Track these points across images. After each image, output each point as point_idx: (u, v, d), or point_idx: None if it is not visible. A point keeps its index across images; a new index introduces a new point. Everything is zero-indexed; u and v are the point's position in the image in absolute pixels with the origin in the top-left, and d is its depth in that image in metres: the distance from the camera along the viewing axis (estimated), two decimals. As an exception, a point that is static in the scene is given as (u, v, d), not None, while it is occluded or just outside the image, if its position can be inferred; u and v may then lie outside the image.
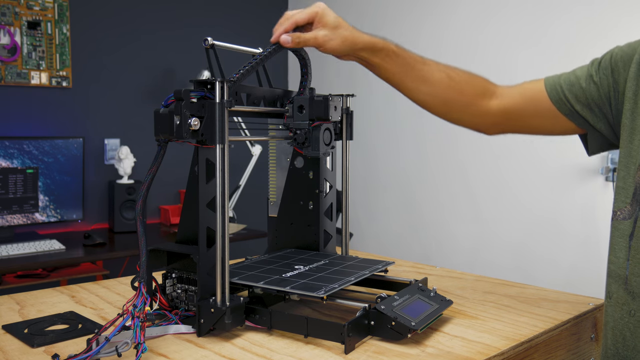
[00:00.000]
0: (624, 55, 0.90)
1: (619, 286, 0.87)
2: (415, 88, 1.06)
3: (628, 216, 0.86)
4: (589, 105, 0.94)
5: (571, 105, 0.95)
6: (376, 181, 3.19)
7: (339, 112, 1.12)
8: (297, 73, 3.53)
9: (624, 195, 0.88)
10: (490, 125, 1.09)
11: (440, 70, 1.05)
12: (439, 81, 1.04)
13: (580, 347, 1.01)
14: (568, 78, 0.97)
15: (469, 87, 1.05)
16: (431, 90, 1.05)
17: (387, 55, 1.02)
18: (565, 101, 0.96)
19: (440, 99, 1.06)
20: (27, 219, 2.59)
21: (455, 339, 0.88)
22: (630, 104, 0.88)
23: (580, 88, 0.94)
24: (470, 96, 1.05)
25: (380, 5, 3.11)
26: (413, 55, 1.05)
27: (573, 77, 0.96)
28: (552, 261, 2.43)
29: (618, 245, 0.88)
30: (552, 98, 0.97)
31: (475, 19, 2.66)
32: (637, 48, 0.89)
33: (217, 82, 0.88)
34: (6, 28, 2.66)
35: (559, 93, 0.97)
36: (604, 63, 0.93)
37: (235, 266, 1.07)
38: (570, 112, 0.96)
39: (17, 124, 2.72)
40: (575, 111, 0.95)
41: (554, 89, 0.97)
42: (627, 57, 0.90)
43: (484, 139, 2.63)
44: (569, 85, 0.96)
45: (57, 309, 1.02)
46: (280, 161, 1.24)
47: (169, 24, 3.18)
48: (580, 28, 2.24)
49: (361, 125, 2.89)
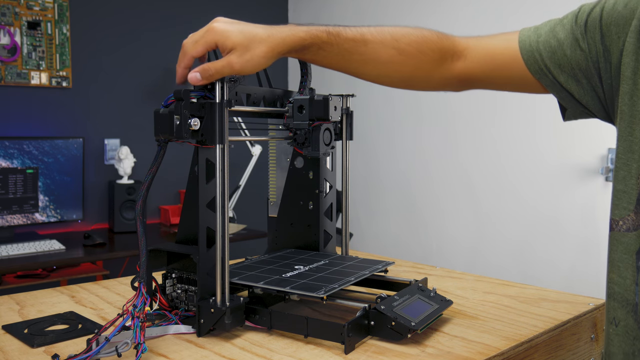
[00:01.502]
0: (619, 17, 0.72)
1: (627, 314, 0.72)
2: (363, 72, 0.92)
3: (633, 227, 0.70)
4: (575, 76, 0.78)
5: (553, 76, 0.80)
6: (376, 181, 3.19)
7: (339, 112, 1.12)
8: (297, 73, 3.53)
9: (626, 200, 0.71)
10: (457, 87, 0.95)
11: (387, 46, 0.87)
12: (388, 61, 0.89)
13: (580, 347, 1.01)
14: (548, 42, 0.80)
15: (425, 57, 0.89)
16: (382, 71, 0.91)
17: (319, 48, 0.86)
18: (547, 72, 0.81)
19: (395, 78, 0.93)
20: (27, 219, 2.59)
21: (455, 339, 0.88)
22: (629, 86, 0.71)
23: (564, 55, 0.78)
24: (429, 67, 0.90)
25: (380, 5, 3.11)
26: (351, 37, 0.87)
27: (554, 41, 0.80)
28: (552, 261, 2.43)
29: (622, 263, 0.72)
30: (531, 67, 0.82)
31: (475, 19, 2.66)
32: (637, 9, 0.70)
33: (217, 82, 0.88)
34: (6, 28, 2.66)
35: (538, 62, 0.81)
36: (591, 24, 0.75)
37: (235, 266, 1.07)
38: (552, 83, 0.81)
39: (17, 124, 2.72)
40: (558, 83, 0.80)
41: (532, 57, 0.82)
42: (622, 21, 0.72)
43: (484, 139, 2.63)
44: (550, 52, 0.80)
45: (57, 309, 1.02)
46: (280, 161, 1.24)
47: (169, 23, 3.18)
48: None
49: (361, 125, 2.89)
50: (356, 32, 0.87)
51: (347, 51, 0.87)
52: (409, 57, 0.88)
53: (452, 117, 2.77)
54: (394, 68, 0.89)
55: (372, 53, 0.87)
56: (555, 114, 0.87)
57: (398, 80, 0.93)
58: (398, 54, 0.88)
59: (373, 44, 0.87)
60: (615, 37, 0.72)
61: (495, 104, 2.57)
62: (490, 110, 2.60)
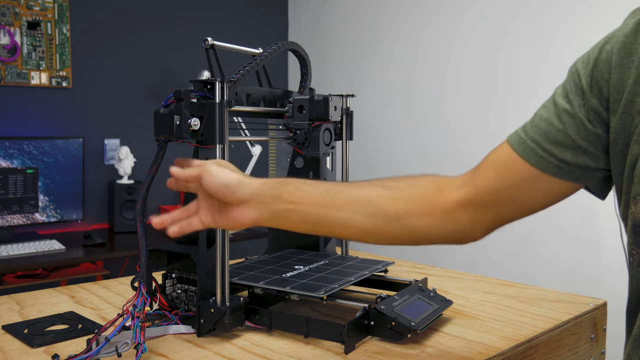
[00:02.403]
0: (602, 63, 0.68)
1: None
2: (340, 235, 0.82)
3: None
4: (579, 147, 0.69)
5: (558, 158, 0.70)
6: (376, 181, 3.19)
7: (338, 112, 1.12)
8: (297, 73, 3.53)
9: (628, 234, 0.67)
10: (467, 228, 0.77)
11: (362, 215, 0.76)
12: (364, 233, 0.77)
13: (580, 347, 1.01)
14: (537, 127, 0.72)
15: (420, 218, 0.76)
16: (361, 238, 0.80)
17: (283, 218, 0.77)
18: (549, 157, 0.70)
19: (381, 242, 0.80)
20: (27, 219, 2.59)
21: (455, 339, 0.88)
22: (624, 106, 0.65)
23: (558, 131, 0.70)
24: (428, 220, 0.76)
25: (380, 5, 3.11)
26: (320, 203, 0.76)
27: (543, 123, 0.71)
28: (552, 261, 2.43)
29: None
30: (531, 159, 0.71)
31: (475, 18, 2.66)
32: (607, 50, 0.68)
33: (217, 82, 0.88)
34: (6, 28, 2.66)
35: (536, 150, 0.71)
36: (574, 89, 0.70)
37: (235, 266, 1.07)
38: (559, 169, 0.70)
39: (17, 124, 2.72)
40: (564, 163, 0.70)
41: (527, 147, 0.72)
42: (605, 66, 0.68)
43: (484, 139, 2.63)
44: (542, 135, 0.71)
45: (57, 309, 1.02)
46: (280, 161, 1.24)
47: (169, 24, 3.18)
48: (580, 29, 2.24)
49: (361, 125, 2.88)
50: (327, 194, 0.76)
51: (313, 222, 0.77)
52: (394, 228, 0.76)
53: (452, 117, 2.77)
54: (375, 237, 0.79)
55: (343, 221, 0.77)
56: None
57: (387, 242, 0.80)
58: (376, 227, 0.77)
59: (347, 211, 0.76)
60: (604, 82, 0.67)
61: (495, 104, 2.57)
62: (490, 110, 2.60)
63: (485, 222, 0.76)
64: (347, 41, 3.29)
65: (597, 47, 0.70)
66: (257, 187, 0.76)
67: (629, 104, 0.65)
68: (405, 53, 2.96)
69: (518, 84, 2.46)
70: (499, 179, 0.74)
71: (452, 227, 0.77)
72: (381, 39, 3.09)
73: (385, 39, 3.07)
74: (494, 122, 2.58)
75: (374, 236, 0.79)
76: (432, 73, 2.84)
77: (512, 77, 2.49)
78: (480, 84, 2.63)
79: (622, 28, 0.68)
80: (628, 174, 0.66)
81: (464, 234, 0.78)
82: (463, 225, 0.77)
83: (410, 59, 2.94)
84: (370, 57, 3.16)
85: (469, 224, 0.77)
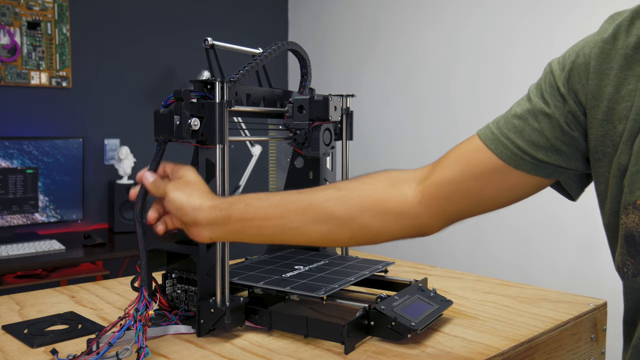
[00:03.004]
0: (579, 67, 0.67)
1: None
2: (299, 243, 0.81)
3: (638, 272, 0.65)
4: (553, 147, 0.68)
5: (532, 156, 0.69)
6: (376, 181, 3.19)
7: (338, 112, 1.12)
8: (297, 73, 3.53)
9: (620, 244, 0.67)
10: (426, 222, 0.75)
11: (312, 222, 0.75)
12: (320, 239, 0.78)
13: (580, 348, 1.01)
14: (511, 124, 0.70)
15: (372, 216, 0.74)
16: (320, 244, 0.84)
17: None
18: (522, 154, 0.69)
19: (339, 244, 0.85)
20: (27, 219, 2.59)
21: (455, 339, 0.88)
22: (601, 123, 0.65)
23: (534, 130, 0.69)
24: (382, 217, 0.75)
25: (380, 5, 3.11)
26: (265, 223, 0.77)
27: (517, 121, 0.70)
28: (552, 261, 2.43)
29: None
30: (503, 156, 0.70)
31: (475, 18, 2.66)
32: (585, 55, 0.67)
33: (217, 82, 0.88)
34: (6, 28, 2.66)
35: (509, 147, 0.70)
36: (549, 90, 0.69)
37: (235, 266, 1.07)
38: (533, 165, 0.69)
39: (17, 124, 2.72)
40: (537, 161, 0.69)
41: (500, 144, 0.70)
42: (583, 70, 0.67)
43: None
44: (517, 132, 0.69)
45: (57, 309, 1.02)
46: (280, 161, 1.24)
47: (169, 24, 3.18)
48: (584, 28, 2.24)
49: (361, 125, 2.88)
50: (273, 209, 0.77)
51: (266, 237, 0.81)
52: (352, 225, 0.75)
53: (452, 117, 2.77)
54: (334, 240, 0.79)
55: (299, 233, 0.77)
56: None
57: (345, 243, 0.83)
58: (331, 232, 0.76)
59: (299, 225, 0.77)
60: (580, 86, 0.67)
61: (496, 104, 2.57)
62: (490, 109, 2.60)
63: (444, 216, 0.74)
64: (347, 41, 3.29)
65: (574, 50, 0.69)
66: (207, 211, 0.79)
67: (610, 111, 0.64)
68: (406, 53, 2.96)
69: (520, 83, 2.46)
70: (464, 170, 0.72)
71: (408, 222, 0.75)
72: (381, 39, 3.09)
73: (385, 39, 3.07)
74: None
75: (330, 241, 0.80)
76: (432, 73, 2.84)
77: (513, 76, 2.49)
78: (480, 83, 2.63)
79: (600, 33, 0.67)
80: (616, 183, 0.65)
81: (421, 227, 0.76)
82: (420, 220, 0.75)
83: (411, 58, 2.94)
84: (370, 57, 3.16)
85: (427, 218, 0.75)
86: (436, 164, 0.76)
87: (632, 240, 0.64)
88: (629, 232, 0.64)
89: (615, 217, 0.67)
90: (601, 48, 0.65)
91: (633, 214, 0.63)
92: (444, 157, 0.76)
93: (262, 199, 0.78)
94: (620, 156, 0.64)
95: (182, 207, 0.79)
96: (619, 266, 0.68)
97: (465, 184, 0.72)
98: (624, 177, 0.64)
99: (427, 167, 0.77)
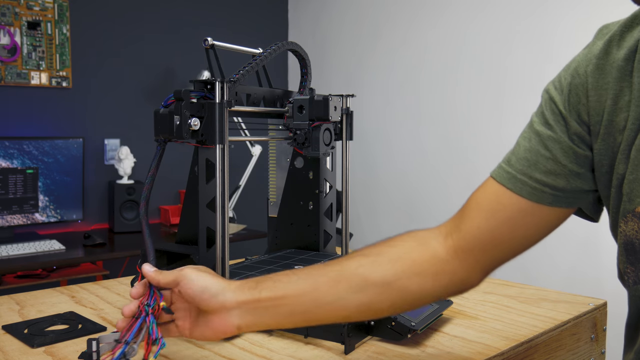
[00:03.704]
0: (577, 88, 0.67)
1: None
2: (336, 320, 0.75)
3: (638, 280, 0.65)
4: (572, 172, 0.67)
5: (552, 187, 0.67)
6: (376, 181, 3.19)
7: (338, 112, 1.12)
8: (297, 73, 3.52)
9: (619, 252, 0.67)
10: (464, 277, 0.73)
11: (350, 292, 0.71)
12: (359, 311, 0.72)
13: (580, 348, 1.01)
14: (523, 159, 0.69)
15: (408, 278, 0.71)
16: (359, 317, 0.76)
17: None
18: (542, 187, 0.67)
19: (379, 314, 0.76)
20: (27, 219, 2.59)
21: (455, 339, 0.88)
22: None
23: (547, 159, 0.67)
24: (418, 279, 0.71)
25: (380, 5, 3.11)
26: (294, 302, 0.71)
27: (529, 154, 0.68)
28: (552, 261, 2.43)
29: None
30: (523, 192, 0.68)
31: (475, 18, 2.66)
32: (580, 75, 0.67)
33: (217, 82, 0.88)
34: (6, 28, 2.66)
35: (528, 183, 0.68)
36: (551, 116, 0.68)
37: (235, 266, 1.07)
38: (554, 197, 0.68)
39: (17, 124, 2.72)
40: (558, 191, 0.68)
41: (518, 181, 0.69)
42: (581, 90, 0.66)
43: (483, 139, 2.63)
44: (531, 166, 0.68)
45: (57, 309, 1.02)
46: (280, 161, 1.24)
47: (169, 24, 3.18)
48: (584, 28, 2.24)
49: (361, 125, 2.88)
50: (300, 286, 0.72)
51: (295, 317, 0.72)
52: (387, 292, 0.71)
53: (452, 117, 2.77)
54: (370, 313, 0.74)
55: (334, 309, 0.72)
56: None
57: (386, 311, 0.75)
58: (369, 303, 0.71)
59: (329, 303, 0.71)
60: (582, 105, 0.66)
61: (496, 104, 2.57)
62: (490, 109, 2.60)
63: (479, 267, 0.72)
64: (347, 41, 3.29)
65: (568, 71, 0.68)
66: (236, 291, 0.71)
67: (609, 124, 0.64)
68: (406, 53, 2.96)
69: (519, 84, 2.46)
70: (489, 218, 0.70)
71: (446, 280, 0.72)
72: (381, 39, 3.09)
73: (386, 39, 3.07)
74: (494, 121, 2.58)
75: (371, 311, 0.73)
76: (432, 73, 2.84)
77: (513, 77, 2.49)
78: (480, 83, 2.63)
79: (592, 50, 0.67)
80: (616, 193, 0.65)
81: (461, 283, 0.73)
82: (457, 275, 0.72)
83: (411, 58, 2.94)
84: (371, 57, 3.16)
85: (463, 273, 0.72)
86: (459, 216, 0.74)
87: (631, 248, 0.64)
88: (629, 240, 0.64)
89: (615, 226, 0.67)
90: (595, 65, 0.65)
91: (632, 222, 0.63)
92: (466, 207, 0.74)
93: (289, 275, 0.73)
94: (618, 166, 0.64)
95: (206, 288, 0.71)
96: (621, 274, 0.68)
97: (493, 232, 0.70)
98: (622, 186, 0.64)
99: (451, 221, 0.75)
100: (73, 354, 0.82)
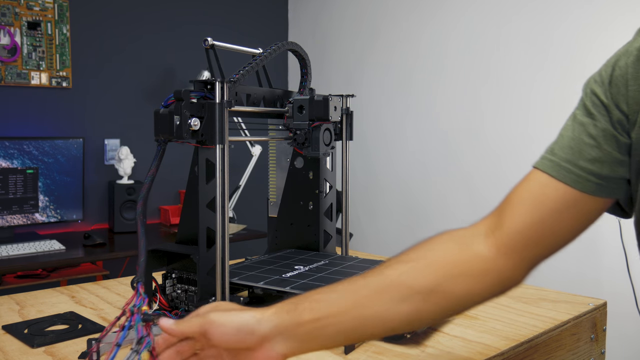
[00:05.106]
0: (618, 79, 0.67)
1: None
2: (382, 334, 0.72)
3: None
4: (616, 159, 0.67)
5: (597, 174, 0.67)
6: (376, 181, 3.19)
7: (338, 112, 1.12)
8: (297, 73, 3.52)
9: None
10: (510, 275, 0.71)
11: (393, 302, 0.68)
12: (405, 321, 0.69)
13: (580, 348, 1.01)
14: (567, 147, 0.69)
15: (452, 281, 0.69)
16: (405, 328, 0.72)
17: None
18: (587, 175, 0.67)
19: (427, 323, 0.74)
20: (27, 219, 2.59)
21: (455, 339, 0.88)
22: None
23: (592, 147, 0.67)
24: (463, 280, 0.69)
25: (380, 5, 3.11)
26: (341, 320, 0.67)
27: (573, 142, 0.69)
28: (552, 261, 2.43)
29: None
30: (568, 180, 0.68)
31: (475, 18, 2.66)
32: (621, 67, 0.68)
33: (217, 82, 0.88)
34: (6, 28, 2.66)
35: (573, 171, 0.68)
36: (594, 107, 0.69)
37: (235, 266, 1.07)
38: (597, 186, 0.68)
39: (17, 124, 2.72)
40: (603, 179, 0.67)
41: (562, 169, 0.68)
42: (622, 82, 0.67)
43: (483, 139, 2.63)
44: (575, 154, 0.68)
45: (57, 309, 1.02)
46: (280, 161, 1.24)
47: (169, 24, 3.18)
48: (581, 29, 2.24)
49: (361, 125, 2.88)
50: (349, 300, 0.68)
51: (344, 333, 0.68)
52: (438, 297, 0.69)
53: (452, 117, 2.77)
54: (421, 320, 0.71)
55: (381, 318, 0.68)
56: (556, 114, 0.86)
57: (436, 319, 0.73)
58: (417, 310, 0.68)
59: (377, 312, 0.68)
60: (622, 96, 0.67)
61: (496, 104, 2.57)
62: (490, 110, 2.60)
63: (524, 263, 0.71)
64: (347, 41, 3.29)
65: (609, 65, 0.69)
66: (273, 319, 0.65)
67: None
68: (405, 53, 2.96)
69: (518, 84, 2.46)
70: (533, 211, 0.69)
71: (492, 279, 0.70)
72: (381, 39, 3.09)
73: (385, 39, 3.07)
74: (494, 122, 2.58)
75: (417, 320, 0.70)
76: (432, 73, 2.84)
77: (512, 77, 2.49)
78: (480, 84, 2.63)
79: (632, 44, 0.68)
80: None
81: (507, 281, 0.71)
82: (504, 274, 0.70)
83: (410, 59, 2.94)
84: (370, 57, 3.16)
85: (509, 270, 0.70)
86: (500, 213, 0.72)
87: None
88: None
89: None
90: (636, 56, 0.66)
91: None
92: (507, 202, 0.72)
93: (328, 292, 0.69)
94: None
95: (241, 327, 0.64)
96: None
97: (539, 225, 0.69)
98: None
99: (490, 218, 0.73)
100: (73, 354, 0.82)
